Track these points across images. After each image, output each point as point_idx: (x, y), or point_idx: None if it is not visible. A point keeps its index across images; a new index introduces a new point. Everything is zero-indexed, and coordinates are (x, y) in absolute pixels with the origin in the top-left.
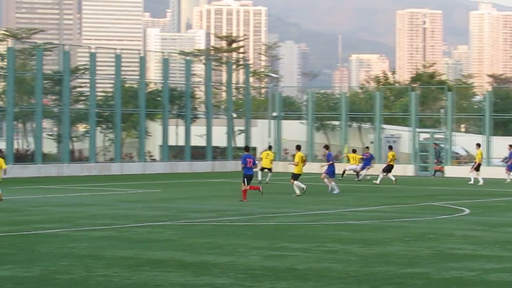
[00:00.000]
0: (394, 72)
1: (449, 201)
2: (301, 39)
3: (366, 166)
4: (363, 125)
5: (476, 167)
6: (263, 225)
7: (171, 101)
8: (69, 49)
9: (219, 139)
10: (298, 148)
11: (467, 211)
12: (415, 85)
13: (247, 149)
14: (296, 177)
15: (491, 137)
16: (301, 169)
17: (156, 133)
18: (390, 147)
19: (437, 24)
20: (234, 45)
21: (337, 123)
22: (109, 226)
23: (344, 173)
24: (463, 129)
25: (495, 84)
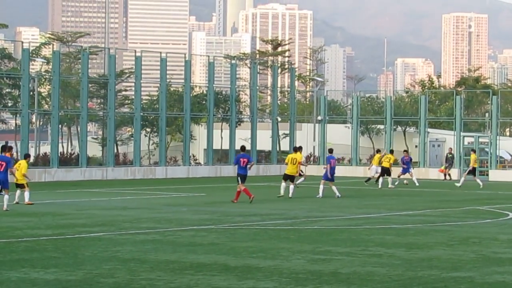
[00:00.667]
0: (439, 76)
1: (494, 205)
2: (346, 43)
3: (407, 171)
4: (408, 129)
5: (470, 171)
6: (307, 229)
7: (216, 104)
8: (115, 53)
9: (264, 143)
10: (294, 149)
11: (511, 215)
12: (460, 89)
13: (243, 149)
14: (285, 178)
15: None
16: (291, 170)
17: (200, 136)
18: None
19: (483, 28)
20: (279, 49)
21: (382, 127)
22: (152, 229)
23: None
24: (508, 133)
25: None
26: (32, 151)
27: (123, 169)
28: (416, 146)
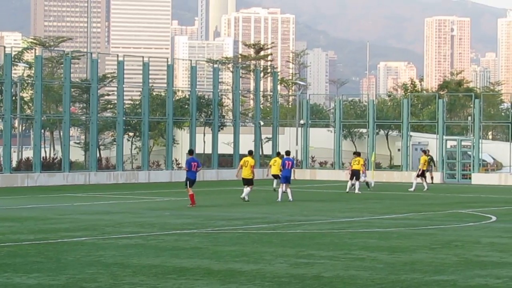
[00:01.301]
0: (421, 79)
1: (476, 209)
2: (329, 46)
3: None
4: (390, 133)
5: (420, 174)
6: (290, 232)
7: (198, 109)
8: (97, 57)
9: (247, 147)
10: (249, 153)
11: (494, 218)
12: (442, 93)
13: (192, 152)
14: (244, 182)
15: None
16: (245, 173)
17: (183, 141)
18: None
19: (465, 31)
20: (262, 53)
21: (364, 130)
22: (135, 234)
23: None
24: (491, 137)
25: None
26: (14, 156)
27: (106, 173)
28: (398, 149)
